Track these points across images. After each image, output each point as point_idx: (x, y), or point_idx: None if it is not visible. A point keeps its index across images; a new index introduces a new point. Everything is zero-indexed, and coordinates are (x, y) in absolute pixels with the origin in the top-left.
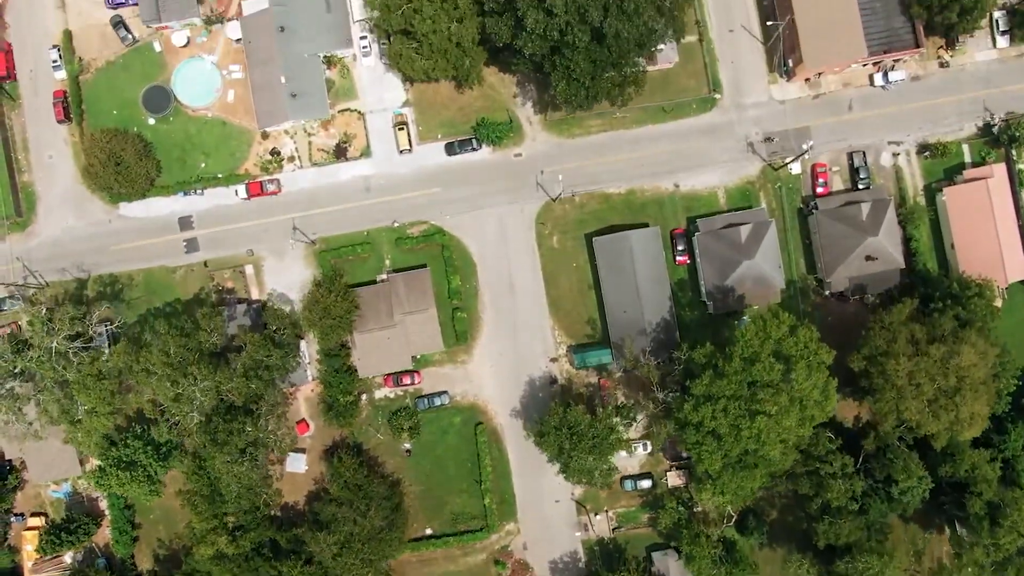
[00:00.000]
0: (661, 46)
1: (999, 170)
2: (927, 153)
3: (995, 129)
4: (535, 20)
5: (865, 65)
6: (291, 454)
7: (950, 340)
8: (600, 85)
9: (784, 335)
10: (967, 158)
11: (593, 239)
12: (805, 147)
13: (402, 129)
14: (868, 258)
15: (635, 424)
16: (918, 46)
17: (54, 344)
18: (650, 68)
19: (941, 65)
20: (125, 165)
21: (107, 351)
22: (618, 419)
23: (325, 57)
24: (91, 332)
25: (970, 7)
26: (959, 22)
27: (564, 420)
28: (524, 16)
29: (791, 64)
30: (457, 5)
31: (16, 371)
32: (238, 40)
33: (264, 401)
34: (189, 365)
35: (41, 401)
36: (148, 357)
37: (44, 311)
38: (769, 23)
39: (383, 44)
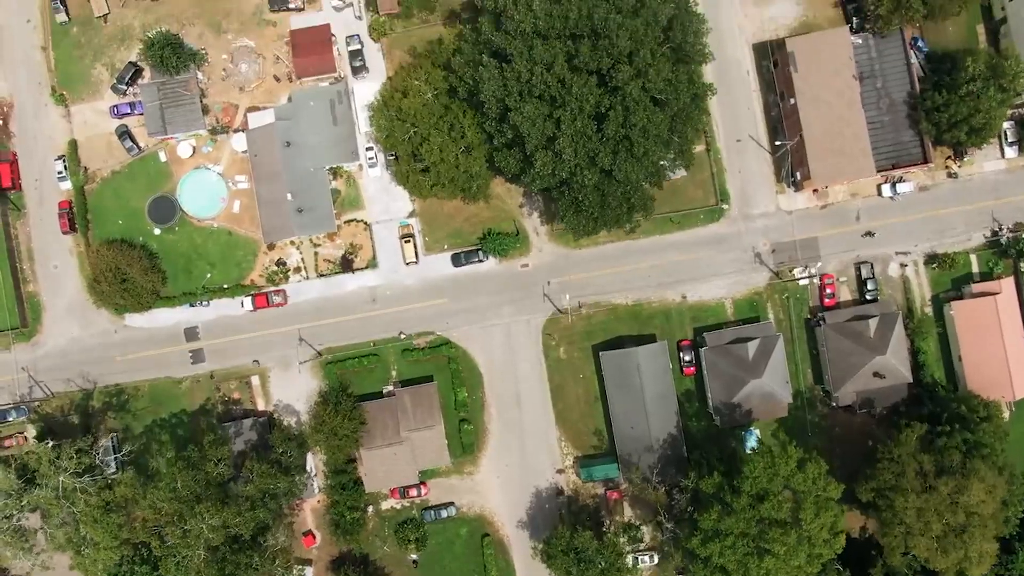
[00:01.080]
0: (670, 175)
1: (1007, 285)
2: (935, 263)
3: (1003, 240)
4: (544, 163)
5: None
6: (297, 567)
7: (958, 473)
8: (608, 214)
9: (792, 471)
10: (975, 268)
11: (600, 354)
12: (813, 270)
13: (408, 241)
14: (876, 375)
15: (642, 543)
16: (926, 161)
17: (61, 480)
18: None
19: (949, 175)
20: (131, 281)
21: (115, 472)
22: (624, 539)
23: (331, 168)
24: (98, 461)
25: (979, 127)
26: (968, 140)
27: (571, 544)
28: (533, 157)
29: (799, 177)
30: (464, 134)
31: (23, 505)
32: (244, 151)
33: (271, 532)
34: (196, 502)
35: (48, 531)
36: (155, 494)
37: (50, 445)
38: (777, 143)
39: (390, 157)
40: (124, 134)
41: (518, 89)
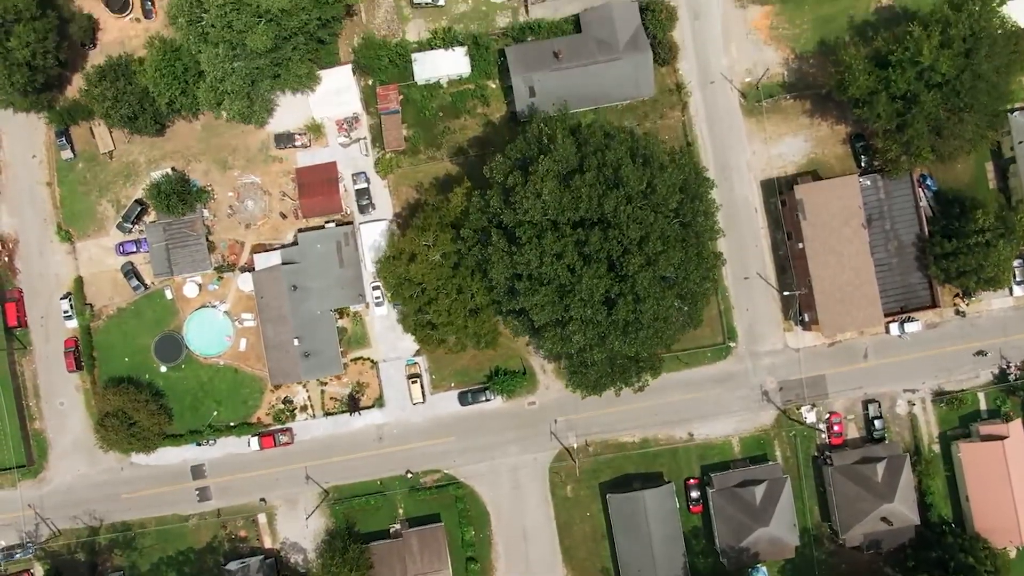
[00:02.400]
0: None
1: (1015, 429)
2: (943, 401)
3: (1011, 378)
4: (553, 341)
5: None
6: None
7: None
8: (616, 376)
9: None
10: (983, 406)
11: (607, 496)
12: (820, 421)
13: (415, 382)
14: (884, 519)
15: None
16: (935, 305)
17: None
18: None
19: (957, 312)
20: (137, 425)
21: None
22: None
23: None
24: None
25: (989, 277)
26: (977, 286)
27: None
28: (543, 336)
29: (807, 319)
30: (473, 296)
31: None
32: (250, 291)
33: None
34: None
35: None
36: None
37: None
38: (786, 293)
39: (396, 306)
40: (130, 272)
41: (527, 273)
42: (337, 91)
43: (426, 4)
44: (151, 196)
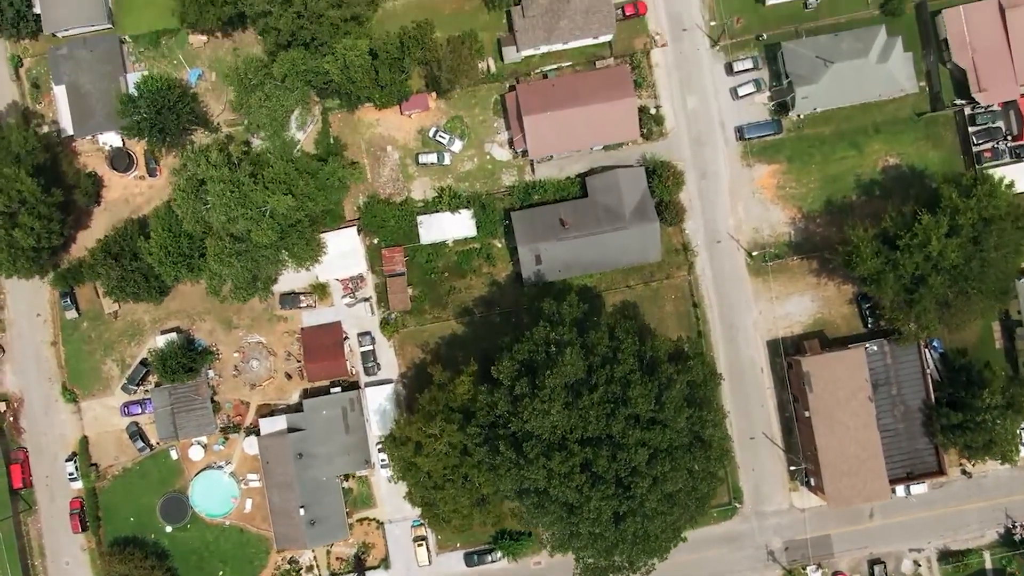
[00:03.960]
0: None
1: None
2: (948, 561)
3: (1017, 537)
4: (562, 544)
5: None
6: None
7: None
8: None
9: None
10: (988, 565)
11: None
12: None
13: (421, 545)
14: None
15: None
16: (941, 472)
17: None
18: None
19: (963, 472)
20: None
21: None
22: None
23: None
24: None
25: (999, 453)
26: (985, 456)
27: None
28: (551, 535)
29: (813, 483)
30: (480, 485)
31: None
32: (255, 453)
33: None
34: None
35: None
36: None
37: None
38: (792, 468)
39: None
40: (135, 433)
41: (534, 488)
42: (343, 254)
43: (431, 163)
44: (156, 367)
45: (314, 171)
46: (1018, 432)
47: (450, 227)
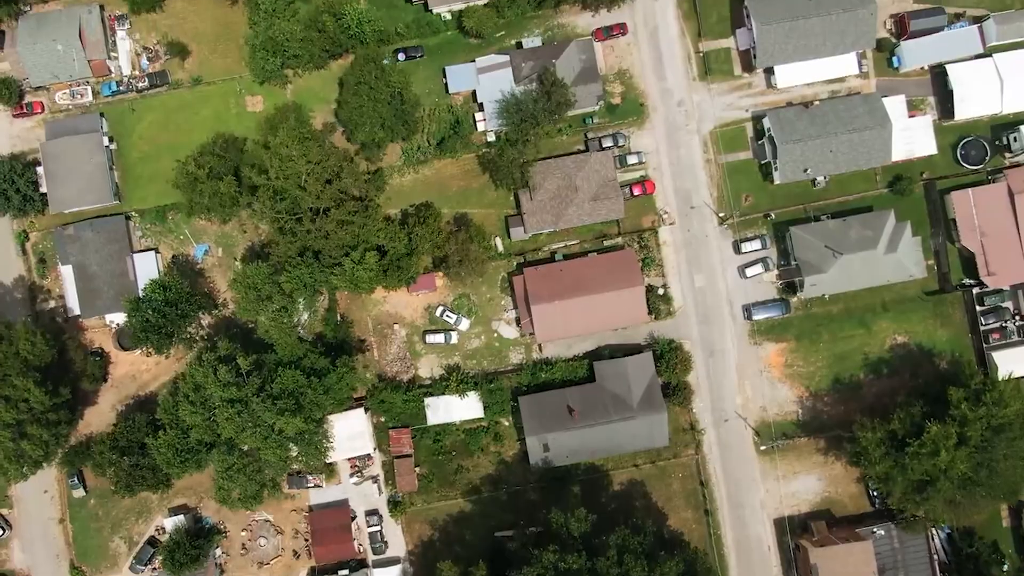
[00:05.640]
0: None
1: None
2: None
3: None
4: None
5: None
6: None
7: None
8: None
9: None
10: None
11: None
12: None
13: None
14: None
15: None
16: None
17: None
18: None
19: None
20: None
21: None
22: None
23: None
24: None
25: None
26: None
27: None
28: None
29: None
30: None
31: None
32: None
33: None
34: None
35: None
36: None
37: None
38: None
39: None
40: None
41: None
42: (350, 436)
43: (439, 342)
44: (165, 562)
45: (322, 371)
46: None
47: (457, 409)
